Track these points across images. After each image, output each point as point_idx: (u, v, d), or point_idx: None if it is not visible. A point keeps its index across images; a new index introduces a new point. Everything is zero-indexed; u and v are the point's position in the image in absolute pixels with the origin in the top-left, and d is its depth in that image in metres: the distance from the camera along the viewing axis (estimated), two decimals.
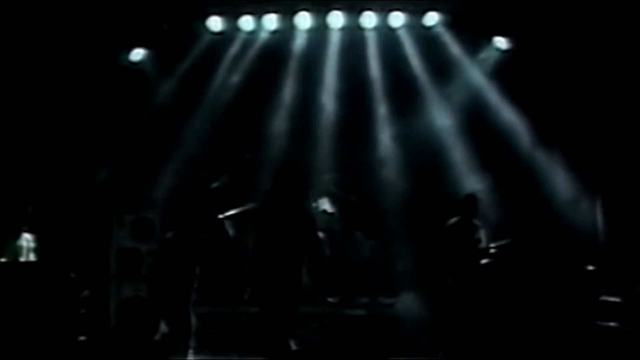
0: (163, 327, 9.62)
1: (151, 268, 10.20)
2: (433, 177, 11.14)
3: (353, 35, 11.31)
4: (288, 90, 11.53)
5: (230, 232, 10.30)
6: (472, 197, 9.77)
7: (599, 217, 10.66)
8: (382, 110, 11.49)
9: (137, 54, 11.31)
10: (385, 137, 11.44)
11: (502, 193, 10.95)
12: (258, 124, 11.51)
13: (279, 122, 11.45)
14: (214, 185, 10.05)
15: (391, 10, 10.93)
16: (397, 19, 11.00)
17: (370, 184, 11.30)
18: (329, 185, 11.04)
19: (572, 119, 10.72)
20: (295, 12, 10.98)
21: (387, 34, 11.29)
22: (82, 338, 9.41)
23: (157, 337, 9.15)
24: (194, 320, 9.22)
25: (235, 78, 11.52)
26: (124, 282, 10.36)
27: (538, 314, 9.76)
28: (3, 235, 10.13)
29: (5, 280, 9.19)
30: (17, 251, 9.90)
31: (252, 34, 11.35)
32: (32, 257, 9.82)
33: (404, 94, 11.48)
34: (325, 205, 10.87)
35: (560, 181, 10.80)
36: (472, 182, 10.90)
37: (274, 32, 11.26)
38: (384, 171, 11.28)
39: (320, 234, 9.82)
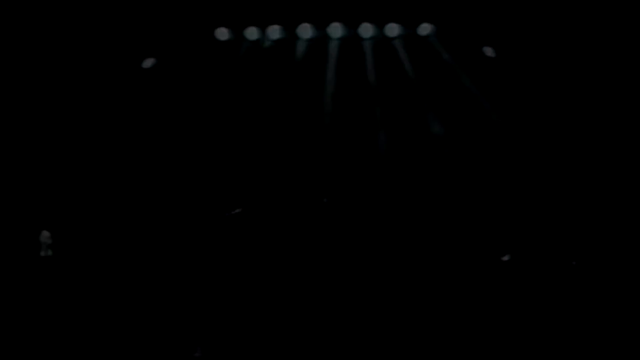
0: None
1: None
2: (428, 180, 11.74)
3: (351, 44, 11.87)
4: (290, 95, 12.10)
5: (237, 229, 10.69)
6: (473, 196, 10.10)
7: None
8: (379, 115, 12.01)
9: (149, 62, 11.90)
10: (382, 142, 12.01)
11: (494, 197, 11.60)
12: (261, 128, 12.13)
13: (281, 127, 12.07)
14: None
15: (387, 21, 11.48)
16: (392, 29, 11.52)
17: (368, 187, 11.69)
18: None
19: (556, 123, 11.31)
20: (296, 24, 11.52)
21: (384, 43, 11.89)
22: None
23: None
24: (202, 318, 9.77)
25: (241, 84, 12.10)
26: None
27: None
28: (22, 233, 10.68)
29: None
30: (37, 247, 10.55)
31: (257, 42, 11.89)
32: (50, 252, 10.42)
33: (401, 100, 11.98)
34: None
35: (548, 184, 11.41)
36: (466, 184, 11.58)
37: (277, 41, 11.81)
38: (382, 175, 11.74)
39: None
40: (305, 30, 11.65)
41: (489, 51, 11.43)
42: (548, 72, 11.08)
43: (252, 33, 11.73)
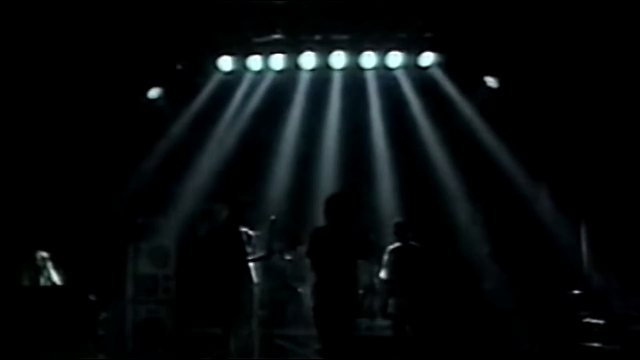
0: None
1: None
2: (428, 206, 11.80)
3: (354, 75, 11.99)
4: (293, 126, 12.19)
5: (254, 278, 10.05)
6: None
7: (583, 244, 11.25)
8: (381, 144, 12.13)
9: (154, 92, 11.88)
10: (384, 170, 12.14)
11: (490, 221, 11.68)
12: (264, 157, 12.21)
13: (285, 156, 12.16)
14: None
15: (389, 49, 11.56)
16: (394, 59, 11.58)
17: (370, 213, 11.76)
18: None
19: (557, 151, 11.36)
20: (300, 52, 11.55)
21: (385, 74, 12.00)
22: (101, 358, 9.91)
23: None
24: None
25: (244, 114, 12.18)
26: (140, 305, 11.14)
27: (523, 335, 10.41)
28: (20, 258, 10.56)
29: (27, 303, 9.69)
30: (35, 270, 10.31)
31: (260, 73, 11.95)
32: (52, 273, 10.32)
33: (402, 129, 12.08)
34: None
35: (546, 209, 11.48)
36: (463, 210, 11.72)
37: (280, 72, 11.86)
38: (383, 202, 11.92)
39: None
40: (308, 60, 11.69)
41: (491, 81, 11.56)
42: (552, 103, 11.21)
43: (255, 62, 11.80)
